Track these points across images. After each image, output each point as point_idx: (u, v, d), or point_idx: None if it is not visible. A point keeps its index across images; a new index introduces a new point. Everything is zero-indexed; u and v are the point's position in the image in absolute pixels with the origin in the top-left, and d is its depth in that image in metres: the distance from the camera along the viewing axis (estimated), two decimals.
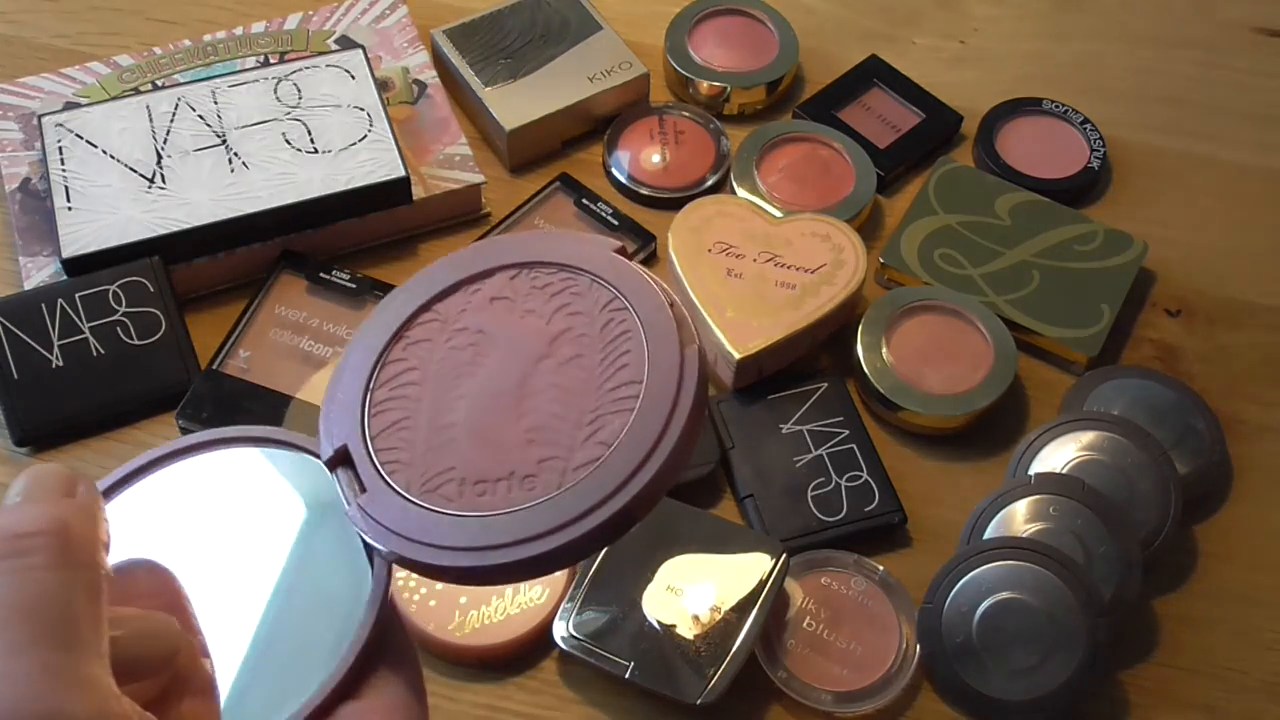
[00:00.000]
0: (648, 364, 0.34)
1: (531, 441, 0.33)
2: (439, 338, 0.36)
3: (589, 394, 0.34)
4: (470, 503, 0.33)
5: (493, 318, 0.36)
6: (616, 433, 0.33)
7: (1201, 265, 0.70)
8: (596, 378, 0.34)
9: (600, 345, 0.35)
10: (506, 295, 0.36)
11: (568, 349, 0.35)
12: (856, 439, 0.61)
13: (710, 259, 0.63)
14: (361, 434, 0.34)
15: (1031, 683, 0.54)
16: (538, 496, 0.32)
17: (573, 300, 0.36)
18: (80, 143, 0.65)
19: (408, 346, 0.36)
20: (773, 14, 0.77)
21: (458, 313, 0.36)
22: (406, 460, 0.34)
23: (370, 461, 0.34)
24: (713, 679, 0.52)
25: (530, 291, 0.36)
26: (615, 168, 0.71)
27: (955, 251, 0.67)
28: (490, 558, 0.32)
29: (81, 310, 0.61)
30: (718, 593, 0.54)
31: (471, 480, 0.33)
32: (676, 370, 0.33)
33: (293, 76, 0.68)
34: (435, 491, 0.33)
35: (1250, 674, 0.57)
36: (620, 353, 0.34)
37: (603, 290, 0.36)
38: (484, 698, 0.55)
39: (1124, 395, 0.63)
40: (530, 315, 0.36)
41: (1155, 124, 0.76)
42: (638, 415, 0.33)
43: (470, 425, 0.34)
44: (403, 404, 0.35)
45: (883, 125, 0.74)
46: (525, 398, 0.34)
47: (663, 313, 0.35)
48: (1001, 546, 0.56)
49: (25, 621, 0.25)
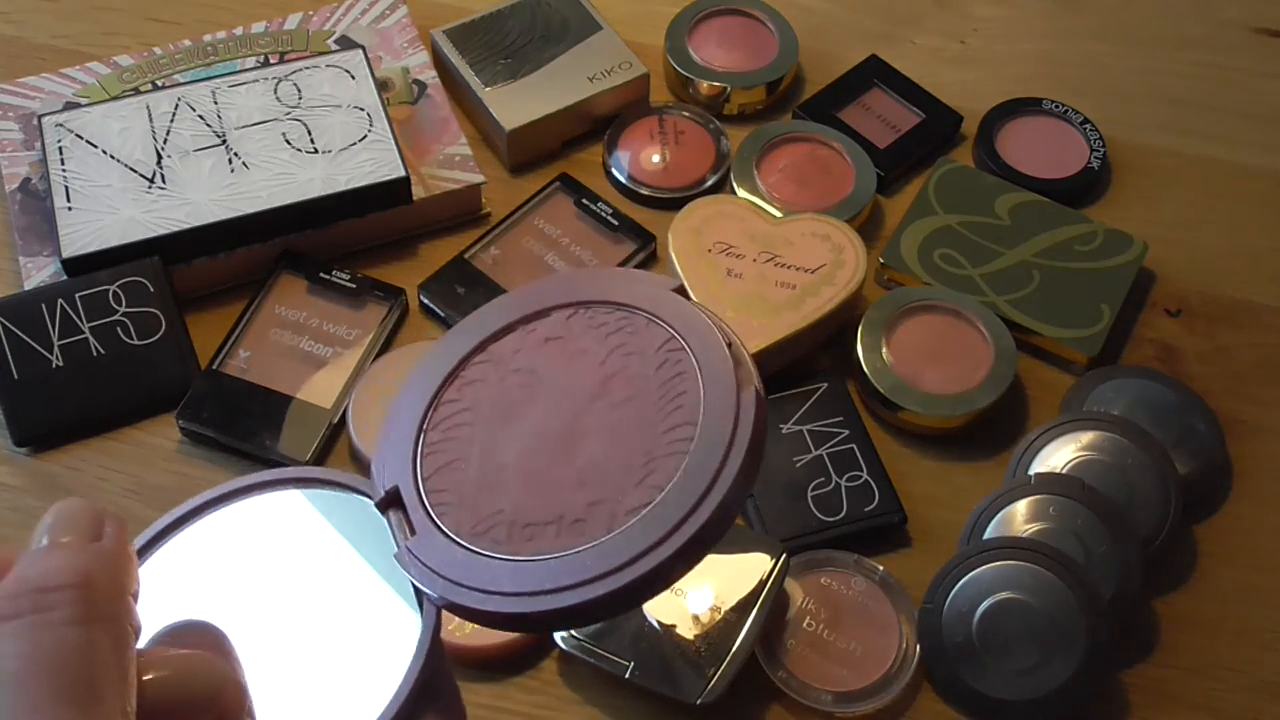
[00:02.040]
0: (703, 406, 0.33)
1: (583, 484, 0.33)
2: (493, 378, 0.36)
3: (643, 436, 0.33)
4: (519, 547, 0.32)
5: (547, 358, 0.36)
6: (669, 476, 0.32)
7: (1201, 265, 0.70)
8: (651, 419, 0.34)
9: (655, 386, 0.34)
10: (561, 335, 0.36)
11: (621, 390, 0.34)
12: (856, 439, 0.61)
13: (710, 259, 0.63)
14: (413, 475, 0.34)
15: (1031, 683, 0.54)
16: (586, 541, 0.32)
17: (628, 340, 0.35)
18: (80, 143, 0.65)
19: (462, 387, 0.36)
20: (773, 14, 0.77)
21: (512, 353, 0.36)
22: (456, 502, 0.34)
23: (421, 503, 0.34)
24: (713, 679, 0.52)
25: (585, 331, 0.36)
26: (615, 168, 0.71)
27: (955, 251, 0.67)
28: (537, 604, 0.31)
29: (81, 310, 0.61)
30: (718, 593, 0.54)
31: (521, 524, 0.33)
32: (732, 412, 0.33)
33: (293, 76, 0.68)
34: (485, 535, 0.33)
35: (1250, 674, 0.57)
36: (676, 394, 0.34)
37: (659, 330, 0.35)
38: (484, 698, 0.55)
39: (1124, 395, 0.63)
40: (584, 355, 0.35)
41: (1155, 124, 0.76)
42: (691, 459, 0.32)
43: (521, 467, 0.34)
44: (455, 445, 0.35)
45: (883, 125, 0.74)
46: (577, 439, 0.34)
47: (720, 352, 0.34)
48: (1001, 546, 0.56)
49: (46, 679, 0.25)
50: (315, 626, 0.33)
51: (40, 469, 0.60)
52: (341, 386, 0.61)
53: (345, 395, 0.61)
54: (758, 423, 0.33)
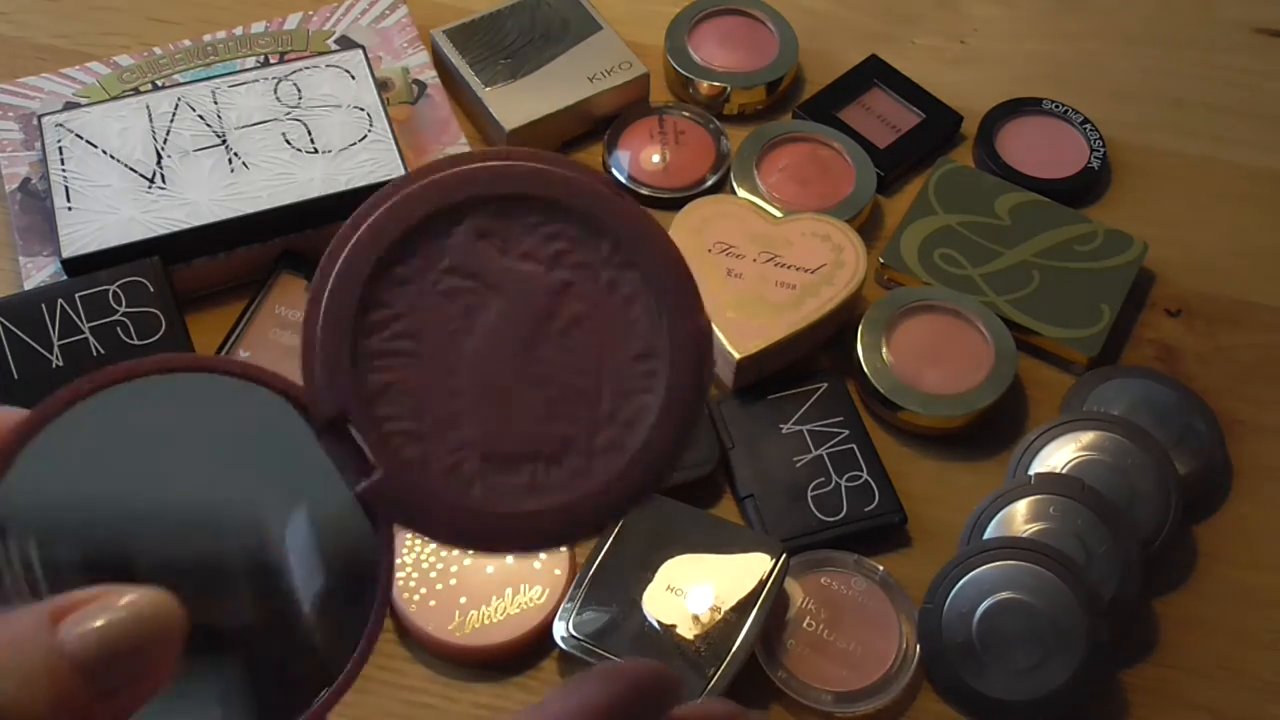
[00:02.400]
0: (664, 336, 0.32)
1: (552, 416, 0.31)
2: (425, 279, 0.32)
3: (604, 363, 0.31)
4: (495, 485, 0.30)
5: (483, 259, 0.32)
6: (641, 415, 0.31)
7: (1201, 265, 0.70)
8: (609, 345, 0.32)
9: (609, 307, 0.32)
10: (494, 232, 0.32)
11: (573, 306, 0.32)
12: (856, 439, 0.61)
13: (710, 259, 0.63)
14: (357, 394, 0.30)
15: (1031, 683, 0.54)
16: (565, 479, 0.30)
17: (571, 248, 0.32)
18: (80, 143, 0.65)
19: (391, 287, 0.32)
20: (773, 14, 0.77)
21: (440, 249, 0.32)
22: (414, 431, 0.31)
23: (375, 431, 0.30)
24: (713, 679, 0.52)
25: (521, 229, 0.32)
26: (615, 168, 0.71)
27: (955, 251, 0.67)
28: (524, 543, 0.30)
29: (81, 310, 0.61)
30: (718, 593, 0.54)
31: (494, 458, 0.31)
32: (693, 346, 0.31)
33: (293, 76, 0.68)
34: (454, 470, 0.30)
35: (1250, 674, 0.57)
36: (631, 318, 0.32)
37: (604, 240, 0.32)
38: (484, 698, 0.55)
39: (1124, 395, 0.63)
40: (526, 260, 0.32)
41: (1155, 124, 0.76)
42: (665, 396, 0.31)
43: (481, 391, 0.31)
44: (399, 361, 0.31)
45: (883, 125, 0.74)
46: (537, 363, 0.31)
47: (673, 275, 0.32)
48: (1001, 546, 0.56)
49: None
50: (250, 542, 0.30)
51: None
52: None
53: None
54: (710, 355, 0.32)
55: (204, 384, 0.30)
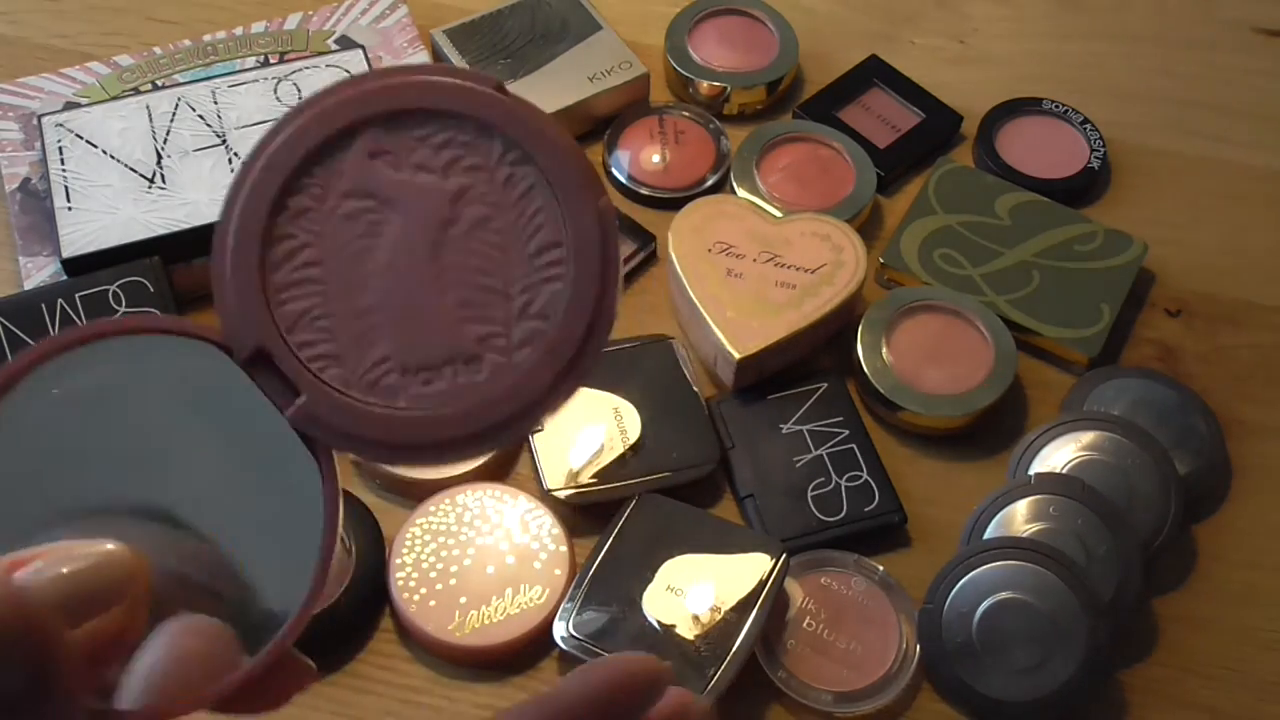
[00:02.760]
0: (566, 224, 0.31)
1: (465, 319, 0.31)
2: (324, 205, 0.32)
3: (510, 260, 0.31)
4: (419, 393, 0.30)
5: (379, 178, 0.32)
6: (552, 304, 0.31)
7: (1201, 265, 0.70)
8: (513, 242, 0.31)
9: (508, 205, 0.32)
10: (387, 149, 0.32)
11: (473, 210, 0.32)
12: (856, 439, 0.61)
13: (710, 259, 0.63)
14: (274, 328, 0.31)
15: (1031, 683, 0.54)
16: (487, 376, 0.30)
17: (464, 153, 0.32)
18: (80, 143, 0.65)
19: (293, 219, 0.32)
20: (773, 14, 0.77)
21: (336, 175, 0.32)
22: (333, 353, 0.31)
23: (295, 359, 0.31)
24: (713, 679, 0.52)
25: (413, 144, 0.32)
26: (615, 168, 0.71)
27: (955, 251, 0.67)
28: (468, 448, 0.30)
29: (81, 310, 0.61)
30: (718, 593, 0.54)
31: (413, 368, 0.31)
32: (597, 228, 0.31)
33: (293, 76, 0.68)
34: (377, 385, 0.31)
35: (1250, 674, 0.57)
36: (533, 211, 0.32)
37: (494, 139, 0.32)
38: (484, 698, 0.55)
39: (1124, 395, 0.63)
40: (421, 172, 0.32)
41: (1155, 124, 0.76)
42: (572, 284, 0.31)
43: (392, 306, 0.31)
44: (308, 289, 0.31)
45: (883, 125, 0.74)
46: (443, 270, 0.31)
47: (568, 162, 0.32)
48: (1001, 546, 0.56)
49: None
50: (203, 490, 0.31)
51: None
52: None
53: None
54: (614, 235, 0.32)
55: (138, 345, 0.32)
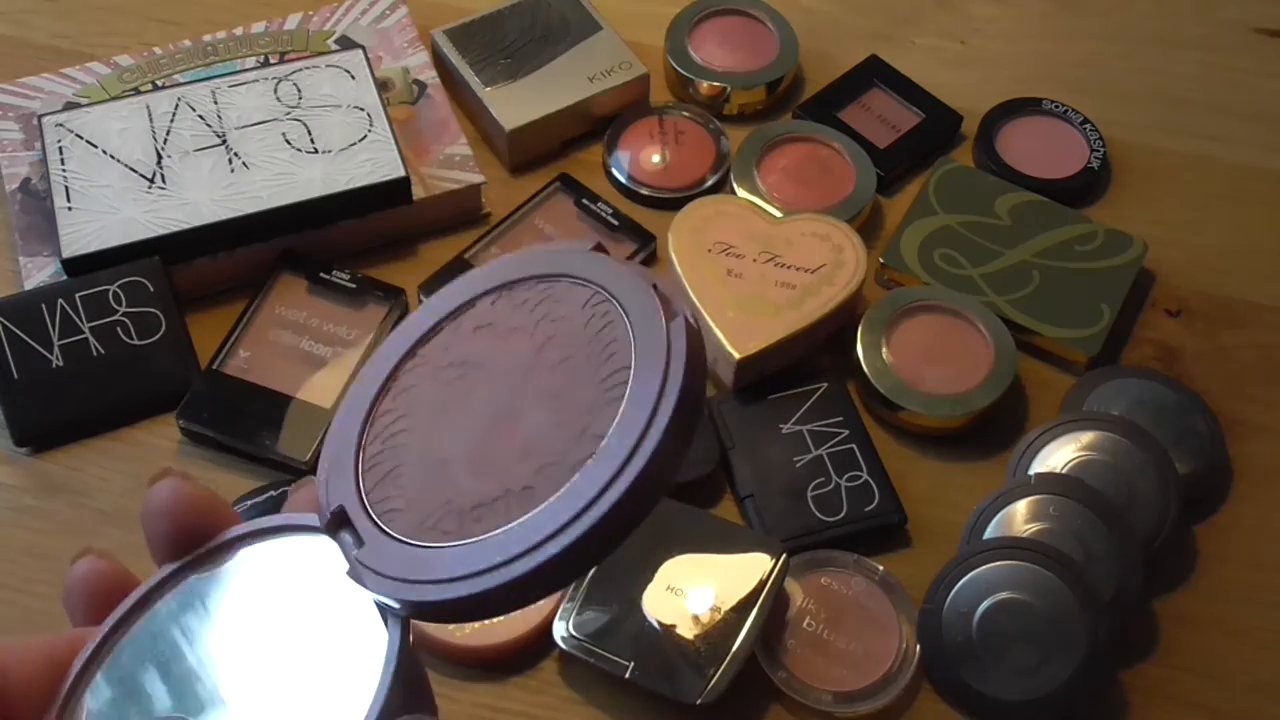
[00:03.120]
0: (634, 347, 0.32)
1: (527, 454, 0.32)
2: (427, 380, 0.35)
3: (581, 392, 0.32)
4: (470, 530, 0.31)
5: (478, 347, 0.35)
6: (608, 422, 0.31)
7: (1201, 265, 0.70)
8: (587, 374, 0.32)
9: (587, 341, 0.33)
10: (489, 321, 0.35)
11: (555, 354, 0.33)
12: (856, 439, 0.61)
13: (710, 259, 0.63)
14: (357, 491, 0.33)
15: (1031, 683, 0.54)
16: (535, 505, 0.31)
17: (553, 307, 0.34)
18: (80, 143, 0.65)
19: (397, 396, 0.35)
20: (773, 14, 0.77)
21: (443, 350, 0.35)
22: (403, 506, 0.33)
23: (367, 516, 0.33)
24: (713, 679, 0.52)
25: (511, 311, 0.35)
26: (615, 168, 0.71)
27: (955, 251, 0.67)
28: (494, 579, 0.30)
29: (81, 310, 0.61)
30: (718, 593, 0.54)
31: (469, 508, 0.32)
32: (663, 345, 0.32)
33: (293, 77, 0.68)
34: (435, 529, 0.32)
35: (1250, 674, 0.57)
36: (607, 342, 0.33)
37: (582, 289, 0.34)
38: (484, 698, 0.55)
39: (1124, 395, 0.63)
40: (515, 333, 0.34)
41: (1155, 124, 0.76)
42: (629, 399, 0.31)
43: (465, 456, 0.33)
44: (395, 453, 0.34)
45: (883, 125, 0.74)
46: (517, 414, 0.33)
47: (644, 294, 0.33)
48: (1001, 546, 0.56)
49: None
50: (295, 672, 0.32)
51: (40, 469, 0.60)
52: (341, 386, 0.61)
53: (345, 395, 0.61)
54: (692, 352, 0.32)
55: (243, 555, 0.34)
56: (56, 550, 0.57)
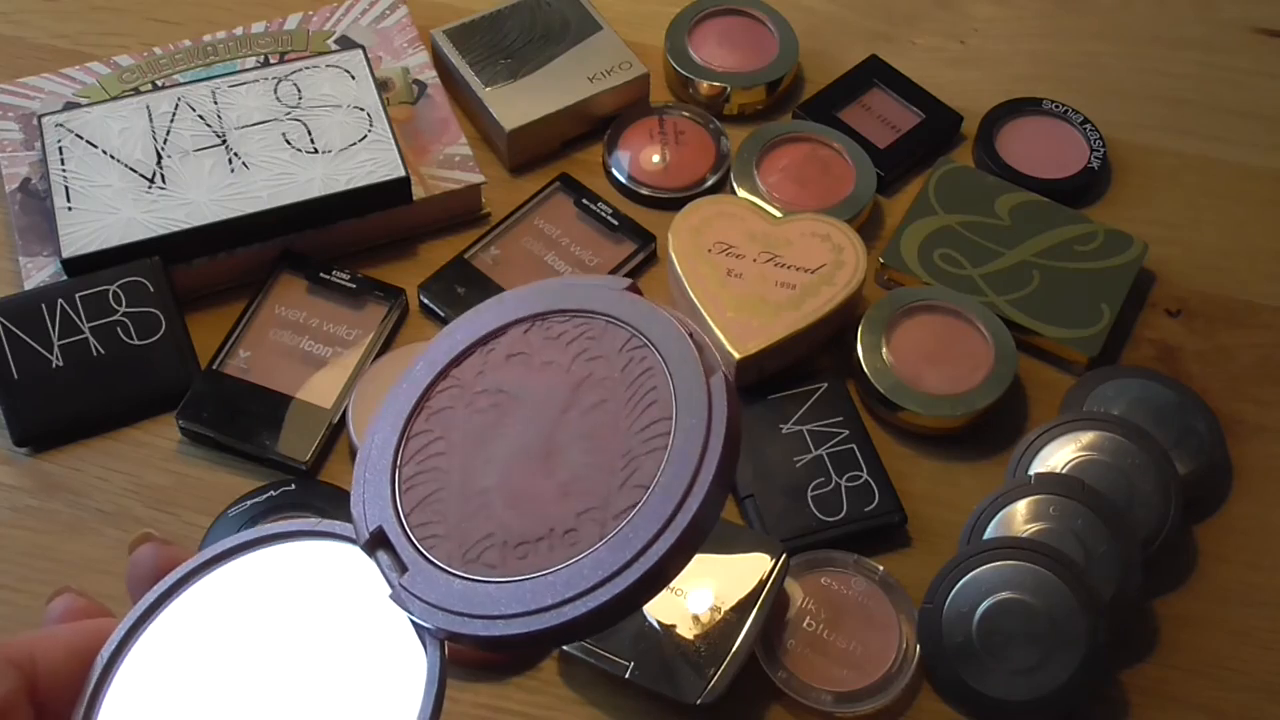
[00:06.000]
0: (675, 399, 0.33)
1: (567, 495, 0.33)
2: (460, 404, 0.36)
3: (619, 438, 0.33)
4: (514, 567, 0.32)
5: (512, 375, 0.36)
6: (652, 473, 0.32)
7: (1201, 265, 0.70)
8: (625, 420, 0.34)
9: (624, 386, 0.34)
10: (522, 350, 0.36)
11: (591, 395, 0.34)
12: (856, 439, 0.61)
13: (710, 259, 0.63)
14: (395, 513, 0.34)
15: (1031, 683, 0.54)
16: (581, 550, 0.32)
17: (590, 345, 0.35)
18: (80, 143, 0.65)
19: (430, 417, 0.36)
20: (773, 14, 0.77)
21: (475, 375, 0.36)
22: (443, 533, 0.33)
23: (407, 539, 0.33)
24: (713, 679, 0.52)
25: (546, 342, 0.36)
26: (615, 168, 0.71)
27: (955, 251, 0.67)
28: (544, 620, 0.31)
29: (81, 310, 0.61)
30: (718, 593, 0.54)
31: (512, 544, 0.33)
32: (705, 401, 0.33)
33: (293, 77, 0.68)
34: (477, 561, 0.33)
35: (1250, 674, 0.57)
36: (646, 390, 0.34)
37: (619, 330, 0.35)
38: (484, 698, 0.55)
39: (1124, 395, 0.63)
40: (549, 367, 0.35)
41: (1155, 124, 0.76)
42: (671, 452, 0.32)
43: (503, 488, 0.34)
44: (433, 476, 0.34)
45: (883, 125, 0.74)
46: (555, 452, 0.34)
47: (682, 344, 0.34)
48: (1001, 546, 0.56)
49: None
50: (321, 679, 0.33)
51: (40, 469, 0.60)
52: (341, 386, 0.61)
53: (345, 395, 0.61)
54: (731, 407, 0.33)
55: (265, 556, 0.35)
56: (56, 550, 0.57)
